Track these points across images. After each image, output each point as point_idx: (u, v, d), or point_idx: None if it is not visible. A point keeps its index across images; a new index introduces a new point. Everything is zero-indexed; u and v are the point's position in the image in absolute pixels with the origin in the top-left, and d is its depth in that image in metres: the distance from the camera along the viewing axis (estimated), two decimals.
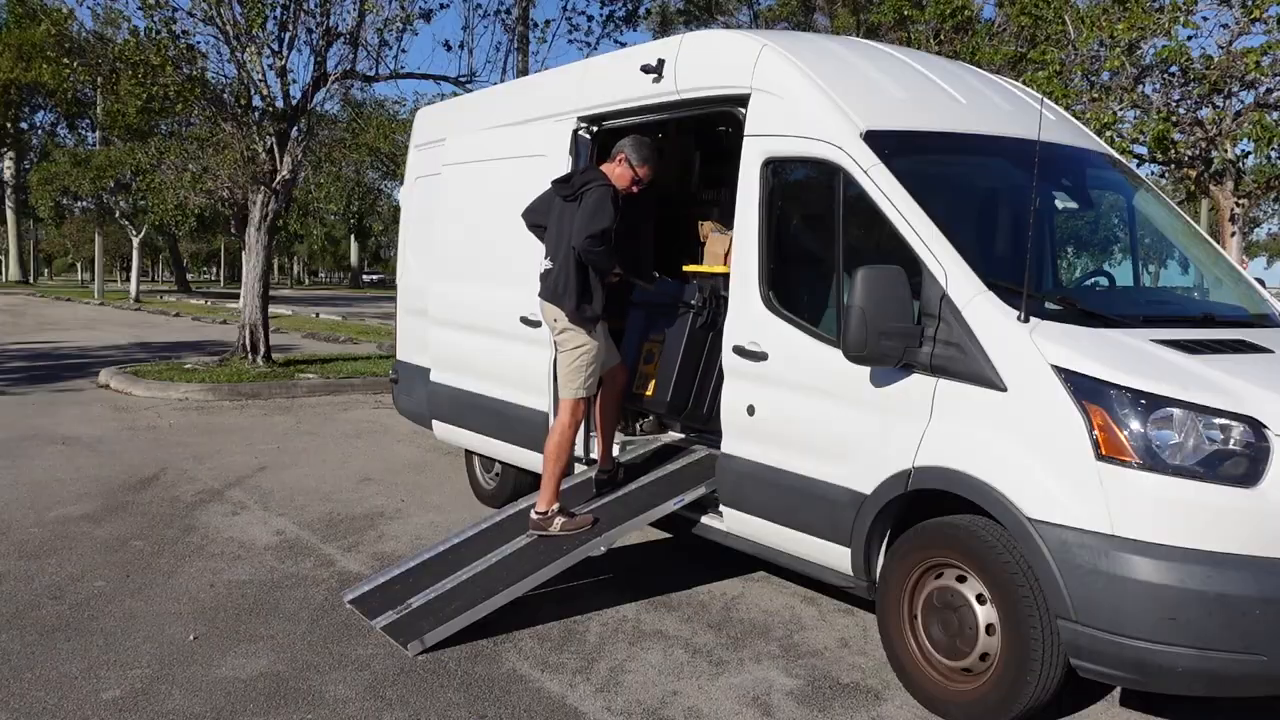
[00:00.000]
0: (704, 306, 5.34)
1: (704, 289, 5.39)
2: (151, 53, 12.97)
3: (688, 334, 5.36)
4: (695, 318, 5.32)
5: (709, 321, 5.33)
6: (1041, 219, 5.08)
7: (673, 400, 5.39)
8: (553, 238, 5.24)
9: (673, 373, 5.35)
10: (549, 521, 5.15)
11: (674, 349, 5.40)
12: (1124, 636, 3.43)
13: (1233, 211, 11.31)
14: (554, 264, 5.19)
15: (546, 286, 5.25)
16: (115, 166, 29.50)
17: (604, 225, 4.94)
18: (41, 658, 4.34)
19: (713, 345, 5.30)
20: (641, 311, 5.78)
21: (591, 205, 4.98)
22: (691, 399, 5.43)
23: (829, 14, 30.61)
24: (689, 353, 5.36)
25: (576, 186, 5.13)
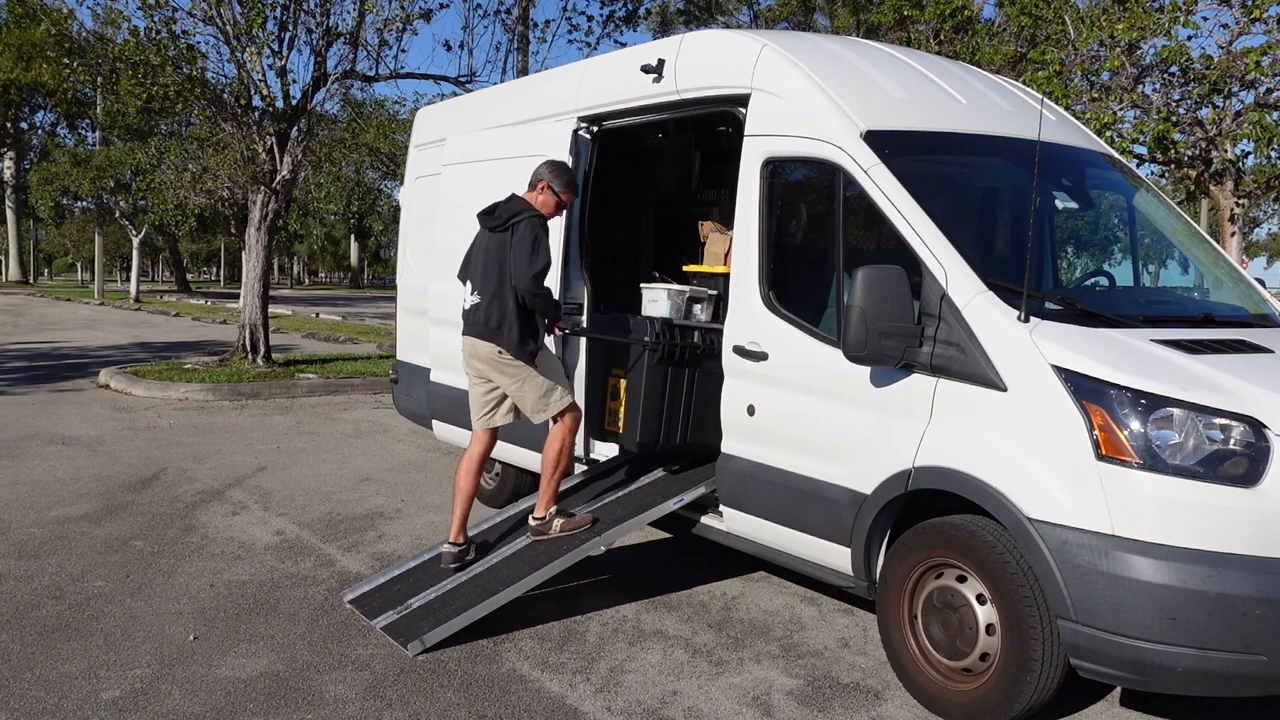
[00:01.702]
0: (658, 342, 5.21)
1: (655, 324, 5.26)
2: (151, 53, 12.96)
3: (646, 371, 5.23)
4: (650, 354, 5.20)
5: (665, 355, 5.23)
6: (1041, 219, 5.09)
7: (642, 440, 5.29)
8: (479, 270, 5.04)
9: (639, 410, 5.24)
10: (548, 525, 5.11)
11: (636, 387, 5.28)
12: (1124, 636, 3.43)
13: (1233, 211, 11.31)
14: (482, 298, 4.98)
15: (474, 322, 5.02)
16: (115, 166, 29.50)
17: (545, 263, 4.82)
18: (41, 658, 4.34)
19: (674, 378, 5.26)
20: (601, 346, 5.65)
21: (529, 243, 4.81)
22: (662, 433, 5.33)
23: (829, 14, 30.62)
24: (651, 388, 5.24)
25: (504, 218, 4.95)
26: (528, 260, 4.77)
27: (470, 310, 5.07)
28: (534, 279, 4.77)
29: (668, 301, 6.07)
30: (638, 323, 5.33)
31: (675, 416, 5.32)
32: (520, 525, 5.38)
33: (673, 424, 5.32)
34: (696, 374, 5.33)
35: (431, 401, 7.24)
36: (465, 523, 5.14)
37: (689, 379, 5.32)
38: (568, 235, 5.87)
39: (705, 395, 5.30)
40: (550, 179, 5.10)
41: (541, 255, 4.80)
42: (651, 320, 5.28)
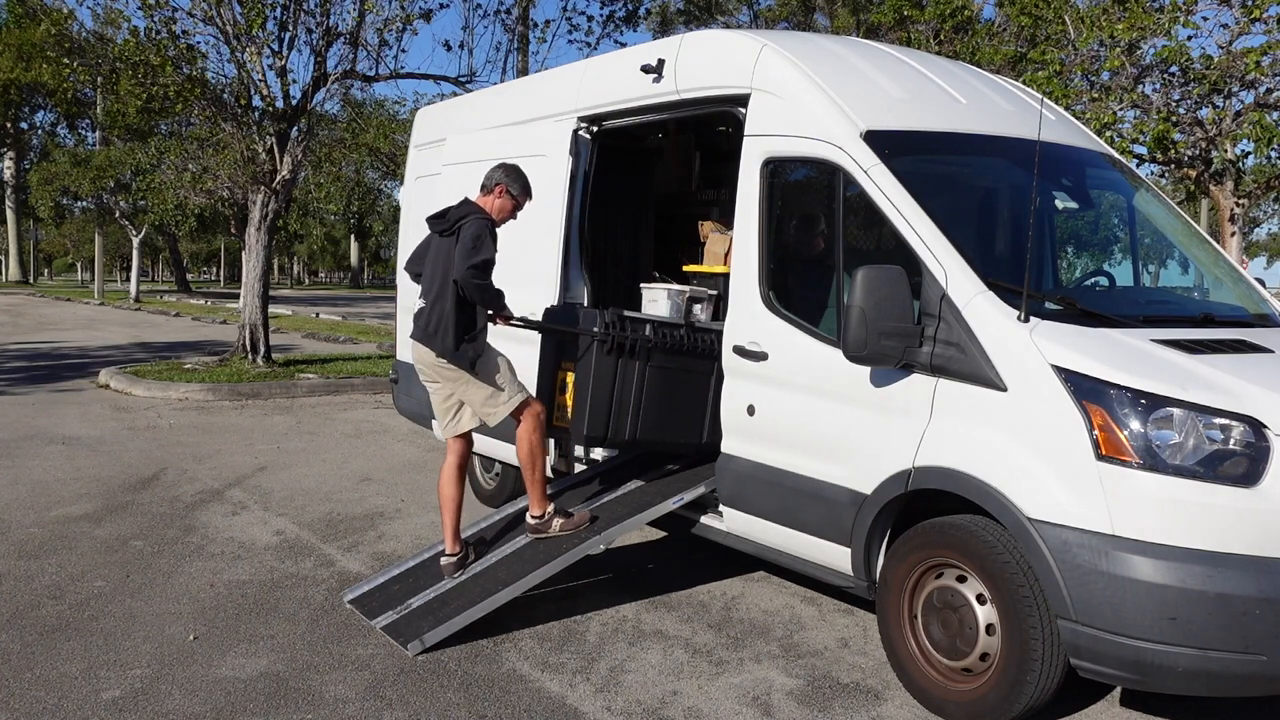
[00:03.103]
0: (607, 333, 5.05)
1: (606, 315, 5.10)
2: (151, 53, 12.97)
3: (595, 362, 5.07)
4: (599, 345, 5.05)
5: (615, 347, 5.08)
6: (1041, 219, 5.09)
7: (589, 432, 5.13)
8: (427, 275, 4.99)
9: (586, 403, 5.09)
10: (547, 524, 5.07)
11: (584, 378, 5.12)
12: (1124, 636, 3.43)
13: (1233, 211, 11.31)
14: (427, 302, 4.93)
15: (418, 326, 4.96)
16: (115, 166, 29.49)
17: (486, 257, 4.72)
18: (41, 658, 4.34)
19: (624, 371, 5.12)
20: (552, 341, 5.51)
21: (471, 238, 4.73)
22: (610, 426, 5.13)
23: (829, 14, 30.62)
24: (599, 380, 5.07)
25: (452, 221, 4.89)
26: (468, 254, 4.69)
27: (417, 314, 5.00)
28: (472, 268, 4.66)
29: (668, 301, 6.07)
30: (587, 314, 5.21)
31: (625, 410, 5.14)
32: (519, 524, 5.37)
33: (622, 417, 5.14)
34: (649, 368, 5.17)
35: None
36: (458, 531, 5.11)
37: (641, 372, 5.15)
38: (568, 235, 5.87)
39: (658, 390, 5.19)
40: (507, 182, 5.04)
41: (484, 250, 4.72)
42: (601, 311, 5.13)
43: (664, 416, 5.22)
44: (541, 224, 5.97)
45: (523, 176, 5.11)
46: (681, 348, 5.22)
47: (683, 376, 5.24)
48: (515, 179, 5.06)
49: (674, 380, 5.20)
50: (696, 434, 5.32)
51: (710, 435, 5.27)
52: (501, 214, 5.03)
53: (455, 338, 4.82)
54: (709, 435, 5.28)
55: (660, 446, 5.44)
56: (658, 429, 5.23)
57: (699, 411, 5.30)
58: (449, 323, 4.81)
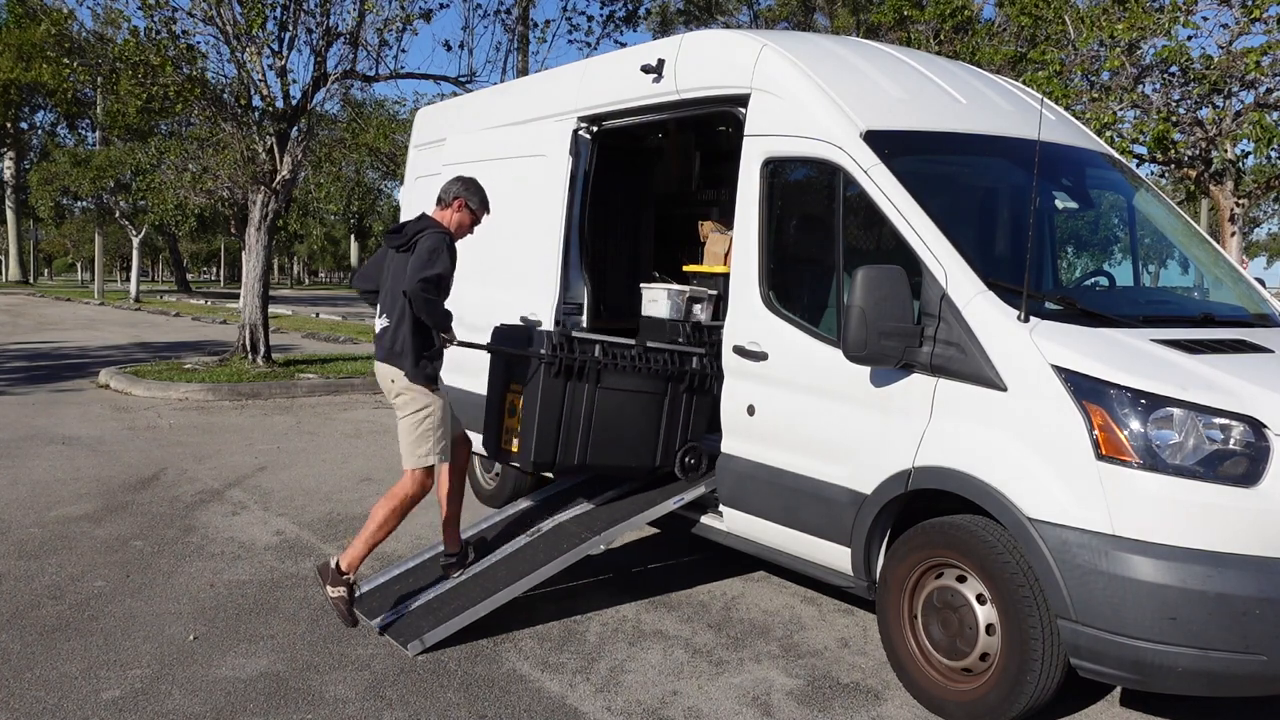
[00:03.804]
0: (555, 355, 4.89)
1: (553, 337, 4.95)
2: (151, 53, 12.97)
3: (542, 385, 4.91)
4: (547, 368, 4.89)
5: (562, 369, 4.91)
6: (1041, 219, 5.09)
7: (536, 458, 4.97)
8: (387, 293, 4.81)
9: (533, 427, 4.92)
10: (336, 583, 4.63)
11: (532, 402, 4.95)
12: (1124, 636, 3.43)
13: (1233, 211, 11.31)
14: (389, 320, 4.76)
15: (382, 346, 4.77)
16: (115, 166, 29.49)
17: (439, 271, 4.55)
18: (41, 658, 4.34)
19: (573, 393, 4.96)
20: (501, 360, 5.34)
21: (427, 251, 4.56)
22: (559, 451, 4.99)
23: (829, 14, 30.62)
24: (547, 404, 4.92)
25: (410, 235, 4.73)
26: (421, 266, 4.52)
27: (379, 334, 4.82)
28: (423, 281, 4.49)
29: (668, 301, 6.07)
30: (536, 335, 5.04)
31: (574, 433, 4.99)
32: (519, 524, 5.37)
33: (571, 441, 4.99)
34: (599, 390, 5.01)
35: None
36: (457, 531, 5.09)
37: (590, 395, 4.99)
38: (567, 235, 5.87)
39: (609, 412, 5.04)
40: (466, 196, 4.88)
41: (438, 264, 4.54)
42: (549, 333, 4.99)
43: (615, 439, 5.08)
44: (541, 224, 5.97)
45: (481, 190, 4.95)
46: (633, 368, 5.08)
47: (635, 398, 5.11)
48: (474, 192, 4.91)
49: (625, 402, 5.07)
50: (649, 457, 5.19)
51: (663, 458, 5.20)
52: (460, 228, 4.89)
53: (414, 355, 4.65)
54: (662, 458, 5.20)
55: (611, 470, 5.31)
56: (608, 452, 5.09)
57: (651, 434, 5.18)
58: (408, 341, 4.65)
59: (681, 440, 5.24)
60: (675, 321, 6.03)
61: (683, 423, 5.24)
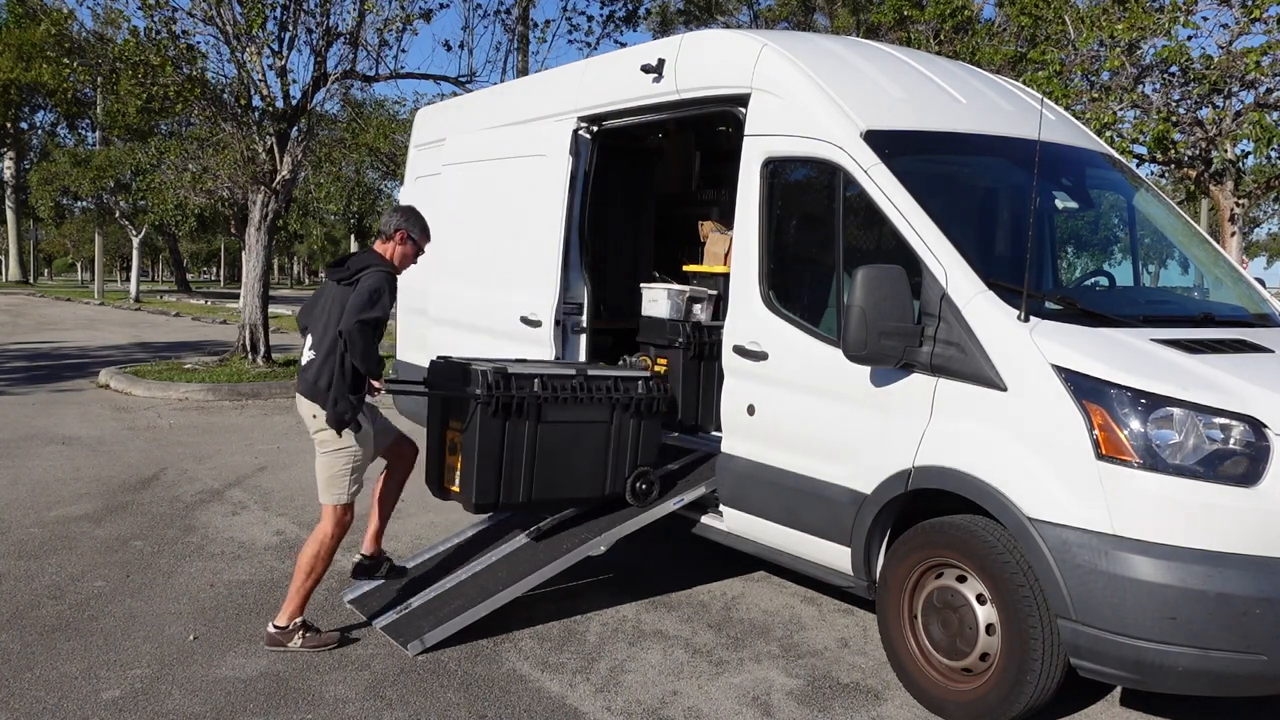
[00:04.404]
0: (490, 395, 4.69)
1: (489, 375, 4.72)
2: (151, 53, 12.97)
3: (480, 425, 4.71)
4: (484, 408, 4.69)
5: (499, 408, 4.72)
6: (1041, 219, 5.09)
7: (478, 500, 4.81)
8: (320, 325, 4.58)
9: (473, 469, 4.76)
10: (289, 637, 4.49)
11: (470, 444, 4.77)
12: (1124, 636, 3.43)
13: (1233, 211, 11.31)
14: (317, 354, 4.53)
15: (305, 380, 4.56)
16: (115, 166, 29.48)
17: (378, 315, 4.39)
18: (41, 658, 4.34)
19: (513, 431, 4.78)
20: (438, 398, 5.10)
21: (368, 291, 4.40)
22: (501, 492, 4.83)
23: (829, 14, 30.62)
24: (485, 445, 4.74)
25: (354, 270, 4.56)
26: (361, 307, 4.36)
27: (304, 366, 4.61)
28: (360, 323, 4.33)
29: (668, 301, 6.08)
30: (472, 373, 4.80)
31: (516, 472, 4.83)
32: (520, 524, 5.37)
33: (514, 480, 4.84)
34: (540, 425, 4.85)
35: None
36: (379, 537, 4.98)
37: (531, 431, 4.82)
38: (568, 235, 5.87)
39: (552, 446, 4.90)
40: (408, 227, 4.73)
41: (378, 306, 4.39)
42: (484, 372, 4.74)
43: (561, 472, 4.95)
44: (541, 224, 5.97)
45: (422, 219, 4.82)
46: (576, 399, 4.93)
47: (578, 429, 4.97)
48: (415, 223, 4.76)
49: (569, 434, 4.93)
50: (597, 486, 5.07)
51: (613, 486, 5.08)
52: (404, 261, 4.76)
53: (337, 400, 4.43)
54: (611, 486, 5.08)
55: (560, 505, 5.20)
56: (555, 486, 4.96)
57: (599, 463, 5.05)
58: (337, 382, 4.42)
59: (631, 466, 5.10)
60: (675, 321, 6.04)
61: (632, 449, 5.09)
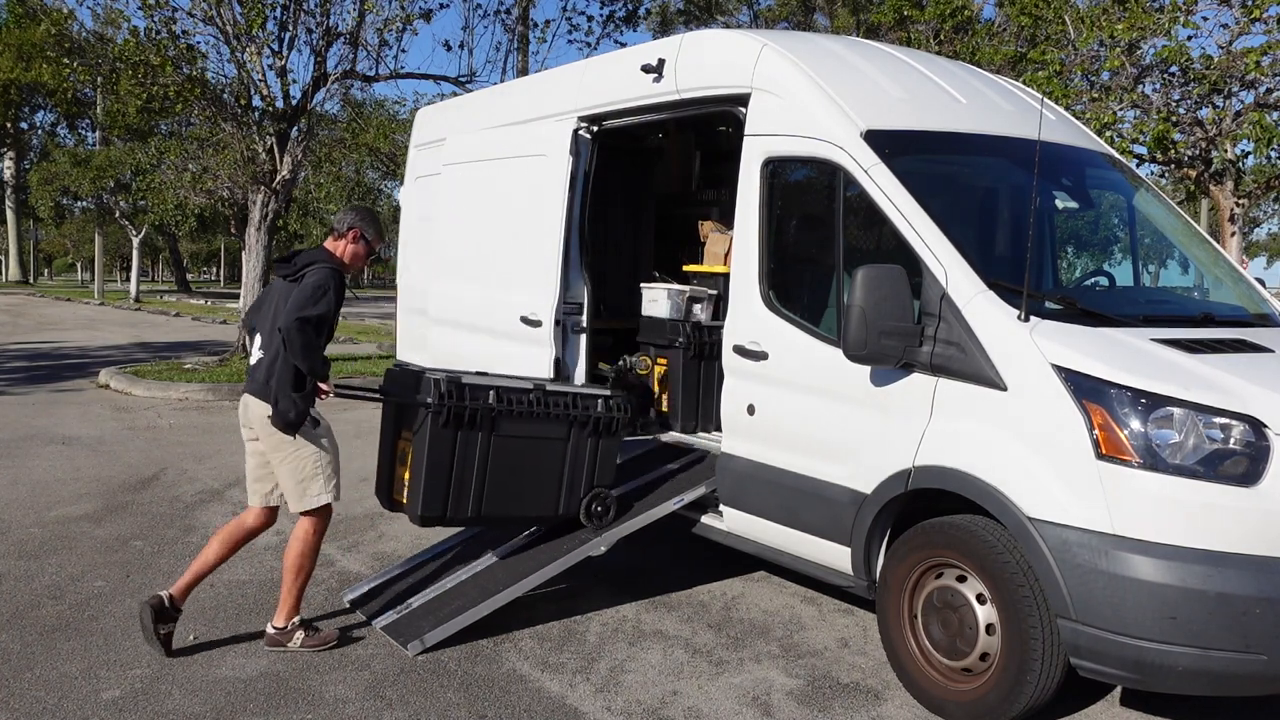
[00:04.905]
0: (442, 404, 4.56)
1: (441, 384, 4.59)
2: (151, 53, 12.98)
3: (430, 435, 4.58)
4: (434, 417, 4.56)
5: (452, 418, 4.59)
6: (1042, 219, 5.09)
7: (424, 512, 4.66)
8: (267, 323, 4.46)
9: (420, 480, 4.62)
10: (288, 636, 4.48)
11: (420, 453, 4.63)
12: (1124, 636, 3.43)
13: (1233, 211, 11.31)
14: (266, 354, 4.44)
15: (255, 380, 4.44)
16: (115, 166, 29.48)
17: (321, 312, 4.27)
18: (41, 658, 4.34)
19: (465, 443, 4.65)
20: (392, 406, 4.96)
21: (311, 288, 4.29)
22: (449, 505, 4.69)
23: (829, 14, 30.62)
24: (435, 456, 4.60)
25: (299, 266, 4.45)
26: (303, 303, 4.24)
27: (253, 366, 4.50)
28: (300, 320, 4.20)
29: (668, 301, 6.08)
30: (424, 381, 4.65)
31: (466, 485, 4.69)
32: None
33: (463, 494, 4.69)
34: (494, 439, 4.72)
35: None
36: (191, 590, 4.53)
37: (484, 444, 4.69)
38: (568, 235, 5.87)
39: (505, 462, 4.76)
40: (362, 226, 4.62)
41: (321, 303, 4.27)
42: (437, 380, 4.60)
43: (513, 489, 4.81)
44: (541, 224, 5.97)
45: (377, 220, 4.75)
46: (531, 413, 4.79)
47: (533, 445, 4.83)
48: (370, 223, 4.67)
49: (523, 449, 4.79)
50: (551, 505, 4.94)
51: (567, 506, 4.95)
52: (355, 260, 4.65)
53: (278, 393, 4.29)
54: (565, 506, 4.95)
55: (510, 522, 5.09)
56: (506, 503, 4.83)
57: (553, 481, 4.91)
58: (285, 382, 4.29)
59: (587, 487, 4.97)
60: (675, 321, 6.04)
61: (588, 469, 4.97)
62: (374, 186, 36.88)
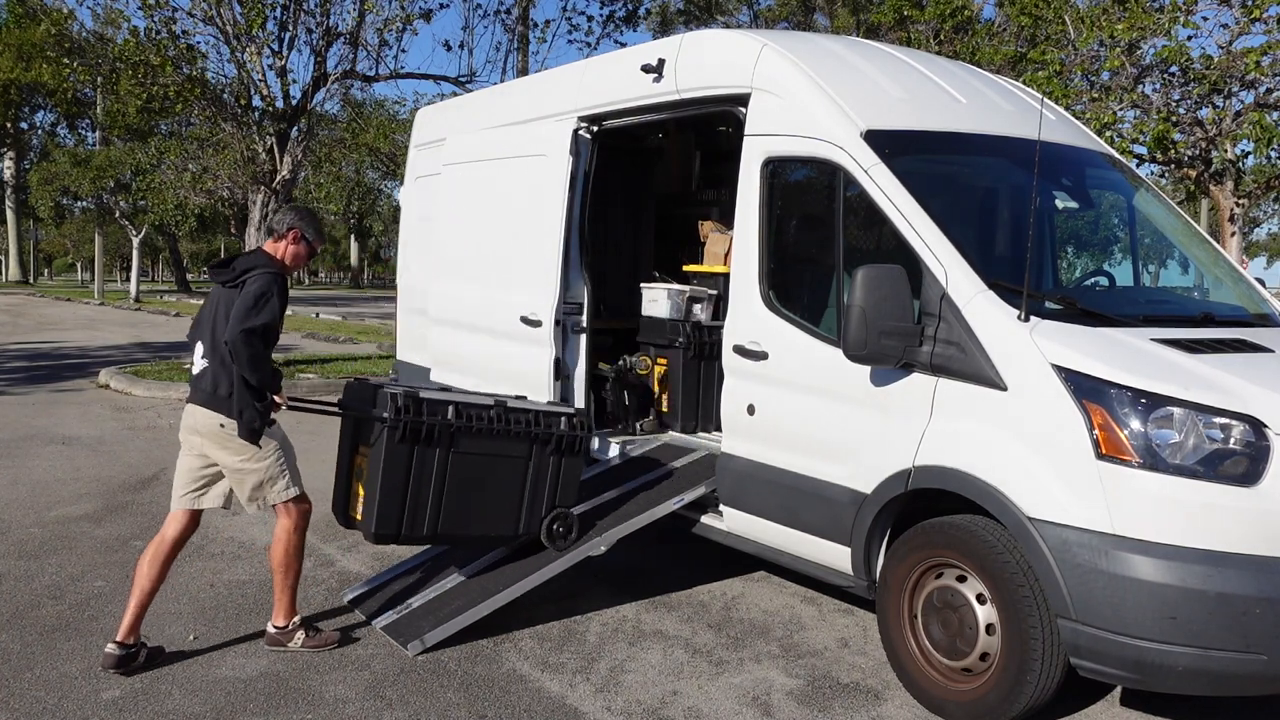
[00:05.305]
0: (398, 419, 4.42)
1: (398, 398, 4.45)
2: (151, 53, 12.98)
3: (385, 451, 4.45)
4: (390, 432, 4.42)
5: (408, 433, 4.46)
6: (1042, 218, 5.09)
7: (378, 530, 4.51)
8: (207, 330, 4.35)
9: (375, 496, 4.48)
10: (289, 636, 4.47)
11: (375, 469, 4.50)
12: (1124, 635, 3.43)
13: (1233, 211, 11.31)
14: (211, 362, 4.32)
15: (200, 389, 4.32)
16: (115, 166, 29.49)
17: (266, 321, 4.15)
18: (41, 658, 4.34)
19: (421, 459, 4.52)
20: (349, 420, 4.81)
21: (253, 296, 4.16)
22: (405, 523, 4.55)
23: (829, 14, 30.62)
24: (390, 472, 4.47)
25: (239, 271, 4.32)
26: (245, 313, 4.12)
27: (197, 375, 4.38)
28: (245, 332, 4.09)
29: (668, 301, 6.09)
30: (380, 395, 4.53)
31: (422, 503, 4.55)
32: None
33: (419, 511, 4.55)
34: (452, 455, 4.58)
35: None
36: (139, 622, 4.29)
37: (442, 461, 4.56)
38: (568, 235, 5.87)
39: (463, 479, 4.63)
40: (302, 227, 4.51)
41: (264, 312, 4.16)
42: (394, 395, 4.47)
43: (471, 508, 4.68)
44: (541, 224, 5.97)
45: (317, 220, 4.66)
46: (491, 430, 4.64)
47: (493, 462, 4.69)
48: (309, 223, 4.57)
49: (482, 467, 4.67)
50: (510, 525, 4.79)
51: (527, 526, 4.81)
52: (295, 261, 4.54)
53: (241, 403, 4.18)
54: (526, 525, 4.81)
55: (467, 542, 4.98)
56: (463, 522, 4.68)
57: (513, 500, 4.77)
58: (239, 391, 4.18)
59: (548, 506, 4.83)
60: (675, 321, 6.05)
61: (549, 487, 4.83)
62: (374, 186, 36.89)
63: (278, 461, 4.42)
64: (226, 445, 4.32)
